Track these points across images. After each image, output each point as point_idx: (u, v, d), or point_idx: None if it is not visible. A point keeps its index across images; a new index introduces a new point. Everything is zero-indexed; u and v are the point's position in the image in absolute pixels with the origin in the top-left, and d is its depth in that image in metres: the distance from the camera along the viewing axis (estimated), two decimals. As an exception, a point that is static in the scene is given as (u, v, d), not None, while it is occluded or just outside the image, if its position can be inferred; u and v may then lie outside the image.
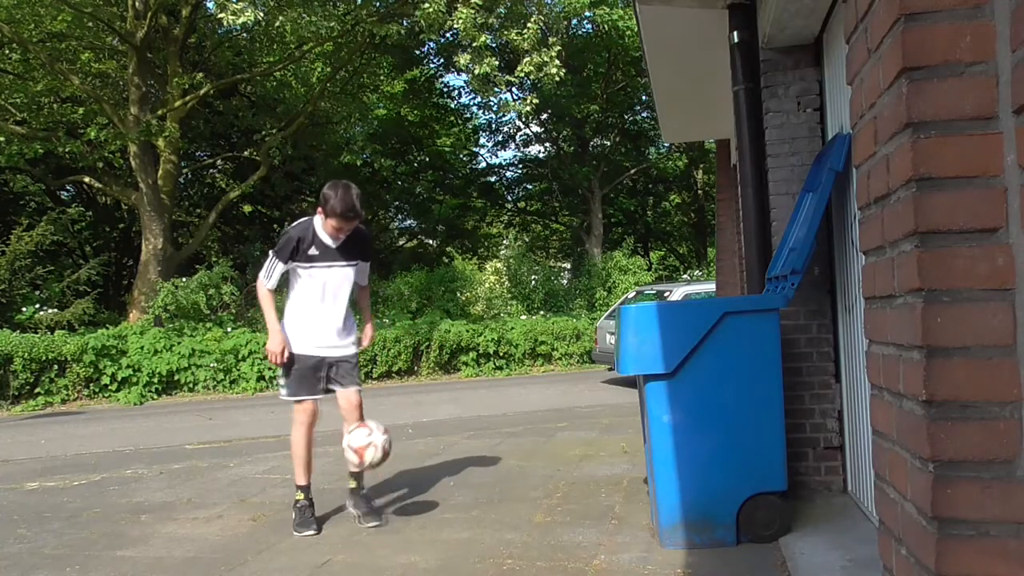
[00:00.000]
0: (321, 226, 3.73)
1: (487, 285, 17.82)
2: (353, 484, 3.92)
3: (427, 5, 12.28)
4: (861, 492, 3.26)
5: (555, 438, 6.04)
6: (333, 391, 3.86)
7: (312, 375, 3.77)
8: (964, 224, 1.00)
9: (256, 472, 5.27)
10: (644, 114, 22.34)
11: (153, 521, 4.05)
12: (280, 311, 3.82)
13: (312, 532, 3.65)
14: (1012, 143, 0.96)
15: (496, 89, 15.72)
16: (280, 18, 12.82)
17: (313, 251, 3.73)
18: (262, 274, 3.80)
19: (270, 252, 3.82)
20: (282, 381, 3.83)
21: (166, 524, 3.98)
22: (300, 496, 3.80)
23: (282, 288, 3.97)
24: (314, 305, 3.78)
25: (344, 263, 3.81)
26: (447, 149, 24.45)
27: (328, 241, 3.74)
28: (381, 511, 3.90)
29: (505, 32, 14.08)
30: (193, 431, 7.67)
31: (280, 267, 3.76)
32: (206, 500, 4.49)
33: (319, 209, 3.69)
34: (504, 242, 27.11)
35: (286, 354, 3.73)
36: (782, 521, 3.10)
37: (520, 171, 25.58)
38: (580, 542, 3.31)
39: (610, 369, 10.46)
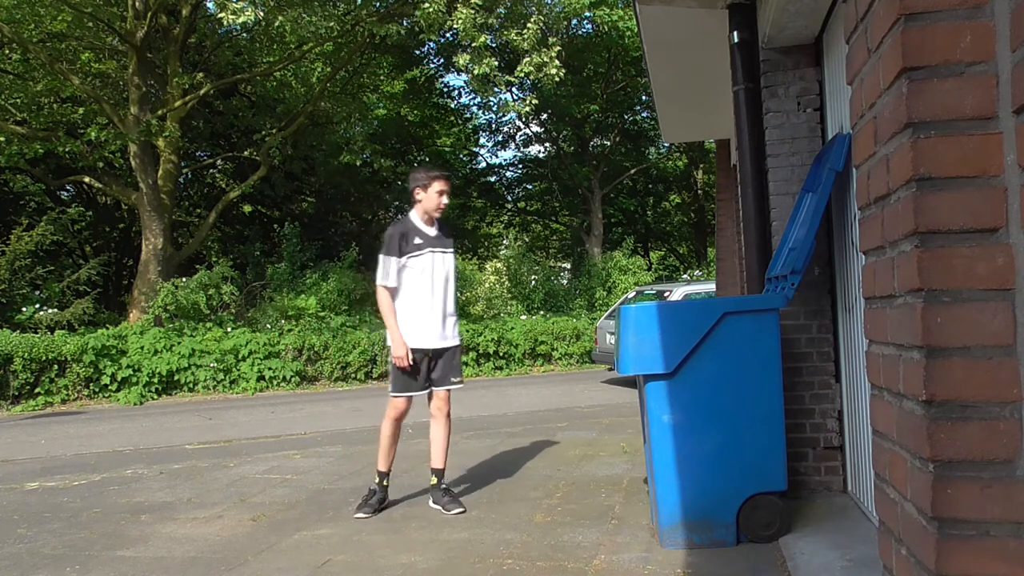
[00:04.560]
0: (418, 217, 3.96)
1: (487, 285, 17.82)
2: (434, 480, 4.04)
3: (427, 5, 12.28)
4: (861, 492, 3.26)
5: (555, 438, 6.04)
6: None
7: (415, 373, 3.93)
8: (964, 224, 1.00)
9: (256, 472, 5.27)
10: (644, 114, 22.34)
11: (153, 521, 4.05)
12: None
13: (364, 515, 3.85)
14: (1012, 143, 0.96)
15: (496, 89, 15.72)
16: (280, 18, 12.81)
17: (418, 240, 3.93)
18: (379, 277, 3.91)
19: (380, 256, 3.92)
20: (391, 375, 4.01)
21: (166, 524, 3.98)
22: (377, 480, 3.99)
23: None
24: (425, 298, 3.92)
25: (444, 249, 4.00)
26: (447, 149, 24.45)
27: (427, 230, 3.97)
28: (458, 497, 4.03)
29: (505, 32, 14.08)
30: (193, 431, 7.67)
31: (395, 263, 3.90)
32: (206, 500, 4.49)
33: (415, 195, 3.96)
34: (504, 242, 27.10)
35: (410, 358, 3.88)
36: (782, 521, 3.10)
37: (520, 171, 25.59)
38: (580, 542, 3.31)
39: (610, 369, 10.46)
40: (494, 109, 21.66)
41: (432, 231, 3.99)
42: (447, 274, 4.00)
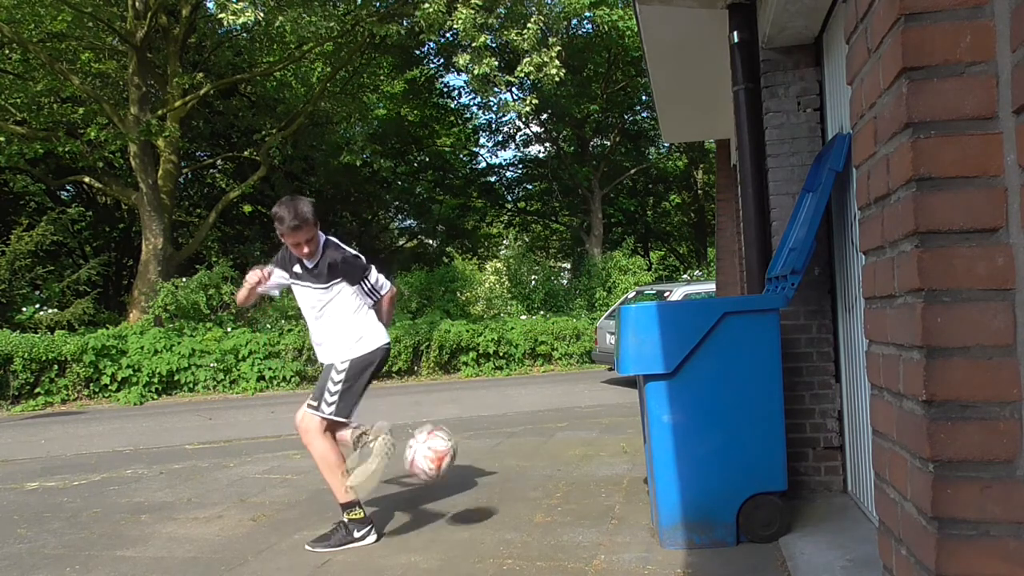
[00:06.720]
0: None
1: (487, 285, 17.81)
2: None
3: (427, 5, 12.28)
4: (861, 492, 3.26)
5: (555, 438, 6.04)
6: None
7: None
8: (964, 224, 1.00)
9: (256, 472, 5.27)
10: (644, 114, 22.33)
11: (153, 521, 4.05)
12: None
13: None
14: (1012, 143, 0.96)
15: (496, 89, 15.74)
16: (280, 18, 12.81)
17: (297, 268, 3.61)
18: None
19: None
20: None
21: (166, 524, 3.98)
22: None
23: None
24: (306, 318, 3.74)
25: (316, 285, 3.56)
26: (447, 149, 24.45)
27: (305, 260, 3.55)
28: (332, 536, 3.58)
29: (505, 32, 14.08)
30: (193, 431, 7.66)
31: (279, 274, 3.67)
32: (206, 500, 4.49)
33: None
34: (504, 242, 27.09)
35: (264, 275, 3.56)
36: (782, 521, 3.10)
37: (520, 171, 25.59)
38: (580, 542, 3.31)
39: (610, 369, 10.46)
40: (494, 109, 21.68)
41: (308, 263, 3.54)
42: (320, 307, 3.58)
